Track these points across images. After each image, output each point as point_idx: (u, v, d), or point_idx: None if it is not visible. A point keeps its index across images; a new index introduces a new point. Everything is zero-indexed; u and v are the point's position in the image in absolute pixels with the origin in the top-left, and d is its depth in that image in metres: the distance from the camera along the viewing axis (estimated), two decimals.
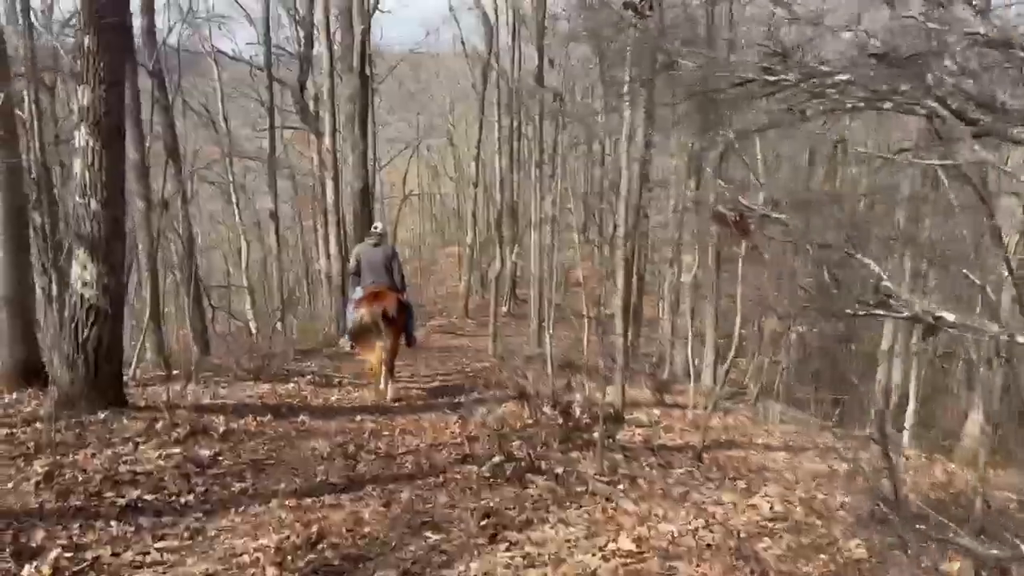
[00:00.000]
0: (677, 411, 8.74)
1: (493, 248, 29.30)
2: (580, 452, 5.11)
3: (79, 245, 4.87)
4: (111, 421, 4.80)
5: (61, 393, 5.02)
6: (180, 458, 4.24)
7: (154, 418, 4.95)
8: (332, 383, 7.92)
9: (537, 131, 16.39)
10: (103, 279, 4.92)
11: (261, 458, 4.55)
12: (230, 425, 5.17)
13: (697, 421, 7.75)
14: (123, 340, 5.31)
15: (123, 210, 5.05)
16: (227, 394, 6.55)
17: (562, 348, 13.24)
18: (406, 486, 4.21)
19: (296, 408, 6.21)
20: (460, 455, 4.92)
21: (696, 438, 6.76)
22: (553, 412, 5.59)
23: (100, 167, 4.78)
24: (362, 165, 12.78)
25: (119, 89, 4.81)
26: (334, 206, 12.79)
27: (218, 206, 28.38)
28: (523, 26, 20.01)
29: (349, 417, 6.04)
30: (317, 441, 5.06)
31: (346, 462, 4.64)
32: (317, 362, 10.06)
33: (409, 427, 5.81)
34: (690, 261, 14.67)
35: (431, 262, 33.07)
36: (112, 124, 4.81)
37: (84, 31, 4.58)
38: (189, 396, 6.17)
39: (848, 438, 9.40)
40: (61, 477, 3.72)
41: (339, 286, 12.90)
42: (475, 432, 5.49)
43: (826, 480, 5.98)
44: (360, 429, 5.58)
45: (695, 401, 8.56)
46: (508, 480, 4.32)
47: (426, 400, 7.38)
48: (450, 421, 6.09)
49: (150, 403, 5.62)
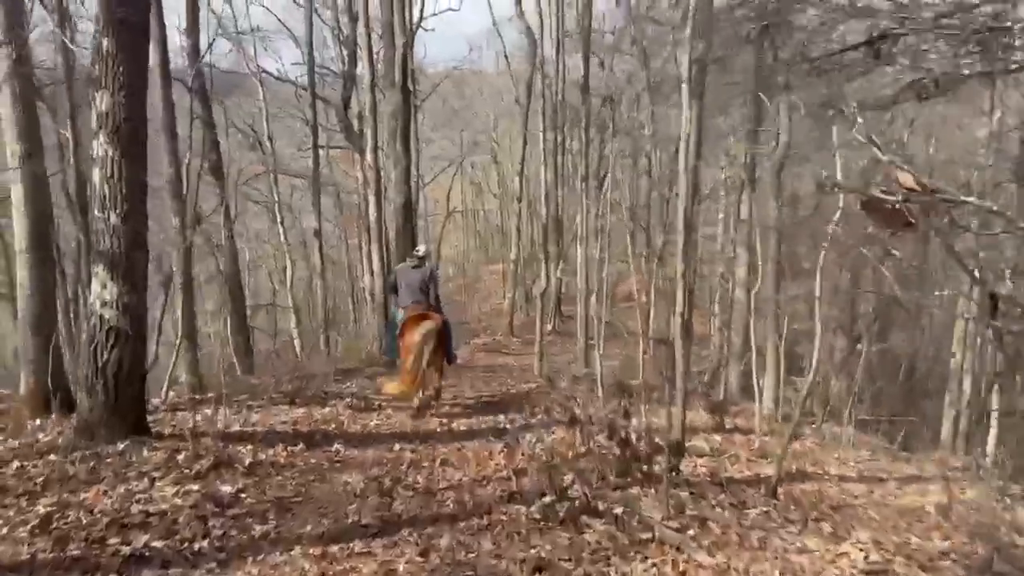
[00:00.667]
0: (739, 436, 8.10)
1: (538, 264, 28.89)
2: (640, 488, 4.56)
3: (98, 262, 4.56)
4: (130, 452, 4.44)
5: (80, 420, 4.70)
6: (199, 496, 3.84)
7: (176, 448, 4.59)
8: (371, 406, 7.51)
9: (583, 143, 15.92)
10: (123, 298, 4.59)
11: (288, 495, 4.13)
12: (258, 456, 4.78)
13: (764, 448, 7.12)
14: (145, 363, 4.97)
15: (145, 224, 4.73)
16: (259, 419, 6.18)
17: (612, 368, 12.68)
18: (446, 529, 3.73)
19: (331, 435, 5.80)
20: (506, 491, 4.42)
21: (766, 469, 6.15)
22: (608, 441, 5.07)
23: (119, 178, 4.47)
24: (404, 181, 12.47)
25: (140, 95, 4.50)
26: (377, 223, 12.49)
27: (264, 225, 28.64)
28: (567, 38, 19.66)
29: (387, 446, 5.60)
30: (351, 474, 4.62)
31: (381, 499, 4.18)
32: (358, 383, 9.68)
33: (451, 457, 5.33)
34: (744, 274, 14.01)
35: (475, 279, 32.75)
36: (132, 132, 4.49)
37: (103, 33, 4.29)
38: (219, 422, 5.81)
39: (930, 466, 8.62)
40: (63, 519, 3.34)
41: (382, 303, 12.58)
42: (522, 464, 4.99)
43: (917, 520, 5.31)
44: (398, 460, 5.13)
45: (761, 427, 7.91)
46: (561, 523, 3.80)
47: (469, 425, 6.91)
48: (495, 450, 5.61)
49: (176, 430, 5.28)
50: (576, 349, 16.66)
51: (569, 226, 21.00)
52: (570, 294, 23.02)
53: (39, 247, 5.52)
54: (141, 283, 4.72)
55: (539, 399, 8.43)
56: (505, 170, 32.68)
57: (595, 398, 8.48)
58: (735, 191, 16.20)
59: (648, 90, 18.57)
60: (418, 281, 7.24)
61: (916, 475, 7.64)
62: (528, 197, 24.97)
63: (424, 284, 7.26)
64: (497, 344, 18.33)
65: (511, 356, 16.15)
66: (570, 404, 7.02)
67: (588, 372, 12.20)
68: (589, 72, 15.67)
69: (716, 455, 6.48)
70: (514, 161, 26.49)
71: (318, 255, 19.10)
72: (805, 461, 7.06)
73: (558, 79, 19.05)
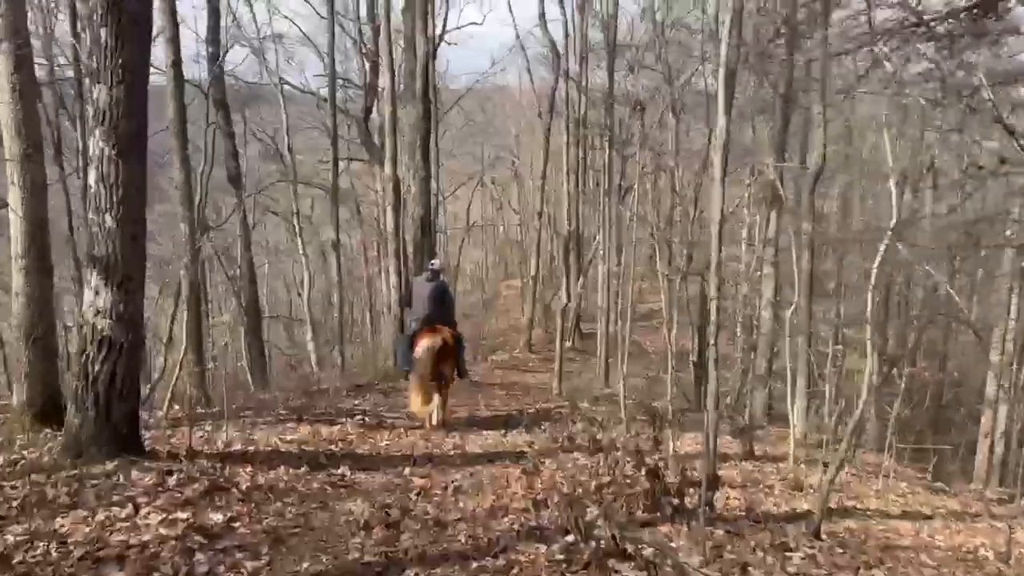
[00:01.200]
0: (769, 464, 7.65)
1: (557, 280, 28.51)
2: (671, 525, 4.16)
3: (91, 268, 4.26)
4: (118, 473, 4.11)
5: (68, 437, 4.39)
6: (186, 525, 3.49)
7: (169, 470, 4.25)
8: (383, 424, 7.17)
9: (606, 158, 15.61)
10: (117, 306, 4.28)
11: (286, 525, 3.76)
12: (257, 479, 4.43)
13: (798, 478, 6.66)
14: (139, 377, 4.65)
15: (143, 228, 4.42)
16: (263, 438, 5.83)
17: (633, 387, 12.28)
18: (457, 570, 3.35)
19: (337, 457, 5.45)
20: (525, 526, 4.02)
21: (803, 503, 5.71)
22: (635, 471, 4.67)
23: (116, 178, 4.17)
24: (424, 192, 12.18)
25: (140, 89, 4.21)
26: (394, 235, 12.19)
27: (283, 236, 28.59)
28: (591, 52, 19.42)
29: (396, 469, 5.23)
30: (356, 502, 4.25)
31: (387, 532, 3.80)
32: (371, 399, 9.35)
33: (464, 483, 4.95)
34: (770, 294, 13.54)
35: (494, 295, 32.41)
36: (131, 129, 4.20)
37: (101, 23, 4.00)
38: (220, 441, 5.49)
39: (972, 501, 8.09)
40: (31, 552, 3.00)
41: (398, 316, 12.25)
42: (542, 494, 4.60)
43: (976, 566, 4.84)
44: (407, 486, 4.76)
45: (794, 454, 7.45)
46: (586, 567, 3.40)
47: (485, 447, 6.53)
48: (512, 476, 5.22)
49: (173, 449, 4.95)
50: (596, 367, 16.25)
51: (590, 242, 20.62)
52: (589, 311, 22.63)
53: (36, 253, 5.26)
54: (137, 291, 4.41)
55: (559, 420, 8.04)
56: (526, 185, 32.42)
57: (618, 420, 8.08)
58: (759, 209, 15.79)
59: (672, 105, 18.26)
60: (432, 295, 7.17)
61: (960, 511, 7.15)
62: (549, 212, 24.66)
63: (438, 298, 7.20)
64: (515, 361, 17.93)
65: (529, 373, 15.74)
66: (593, 428, 6.62)
67: (609, 392, 11.78)
68: (614, 85, 15.36)
69: (749, 486, 6.05)
70: (535, 176, 26.25)
71: (335, 267, 18.92)
72: (843, 495, 6.60)
73: (581, 94, 18.78)
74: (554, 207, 28.88)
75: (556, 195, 26.49)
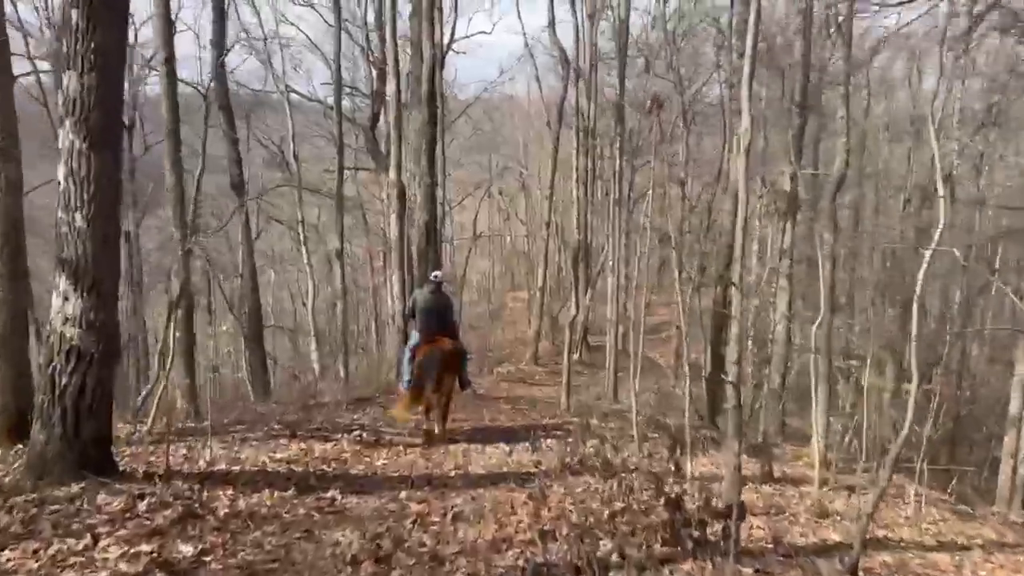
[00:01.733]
0: (791, 488, 7.22)
1: (565, 292, 28.11)
2: (694, 562, 3.74)
3: (60, 271, 3.90)
4: (83, 497, 3.74)
5: (32, 456, 4.03)
6: (150, 559, 3.11)
7: (141, 493, 3.88)
8: (381, 441, 6.77)
9: (616, 167, 15.25)
10: (88, 314, 3.93)
11: (263, 559, 3.37)
12: (237, 504, 4.04)
13: (823, 503, 6.23)
14: (113, 390, 4.28)
15: (117, 228, 4.08)
16: (250, 456, 5.46)
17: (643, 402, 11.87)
18: None
19: (329, 478, 5.06)
20: (531, 561, 3.62)
21: (832, 533, 5.29)
22: (652, 499, 4.26)
23: (87, 174, 3.82)
24: (429, 200, 11.84)
25: (114, 77, 3.87)
26: (398, 244, 11.84)
27: (289, 245, 28.35)
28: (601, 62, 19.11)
29: (392, 492, 4.83)
30: (345, 531, 3.86)
31: (376, 567, 3.41)
32: (371, 413, 8.96)
33: (465, 509, 4.55)
34: (784, 308, 13.11)
35: (500, 306, 32.03)
36: (104, 121, 3.85)
37: (72, 4, 3.67)
38: (203, 459, 5.12)
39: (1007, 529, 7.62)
40: None
41: (401, 328, 11.89)
42: (550, 524, 4.19)
43: None
44: (403, 512, 4.36)
45: (817, 476, 7.01)
46: None
47: (488, 467, 6.13)
48: (517, 502, 4.81)
49: (152, 468, 4.58)
50: (604, 381, 15.82)
51: (599, 253, 20.25)
52: (597, 323, 22.21)
53: (9, 255, 4.91)
54: (110, 297, 4.05)
55: (568, 438, 7.64)
56: (534, 196, 32.11)
57: (629, 438, 7.67)
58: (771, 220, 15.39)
59: (683, 114, 17.92)
60: (435, 307, 7.10)
61: (998, 541, 6.69)
62: (557, 222, 24.30)
63: (442, 309, 7.15)
64: (521, 373, 17.52)
65: (535, 386, 15.33)
66: (603, 448, 6.21)
67: (618, 408, 11.36)
68: (625, 91, 15.02)
69: (772, 513, 5.63)
70: (543, 186, 25.93)
71: (339, 277, 18.58)
72: (873, 523, 6.16)
73: (591, 101, 18.44)
74: (562, 217, 28.58)
75: (564, 205, 26.18)
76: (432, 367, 6.67)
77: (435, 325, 7.01)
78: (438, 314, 7.07)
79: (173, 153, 7.08)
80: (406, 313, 8.48)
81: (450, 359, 6.82)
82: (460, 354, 7.20)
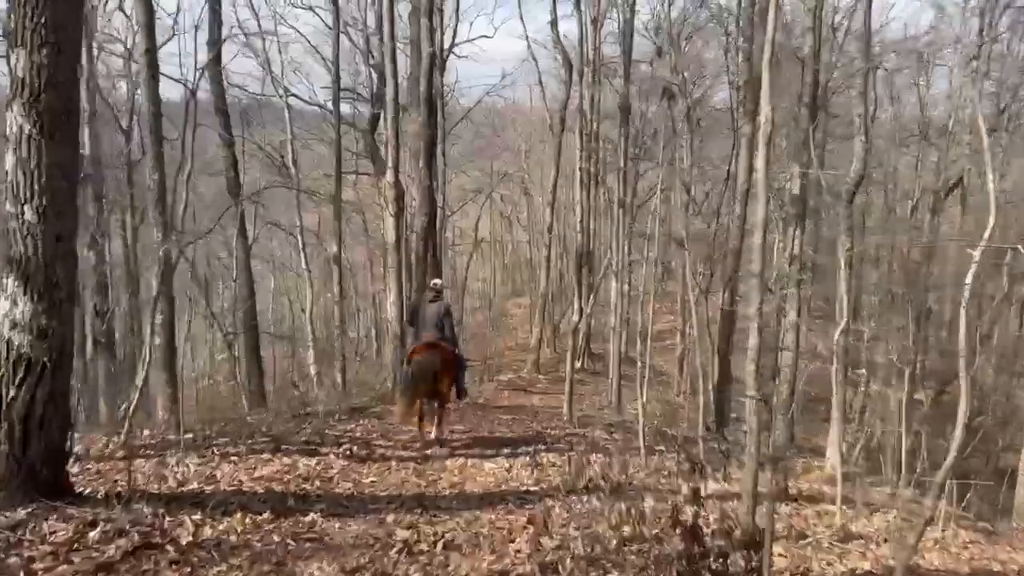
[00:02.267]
0: (806, 506, 6.79)
1: (568, 298, 27.70)
2: None
3: (8, 271, 3.50)
4: (29, 524, 3.33)
5: None
6: None
7: (95, 519, 3.46)
8: (372, 455, 6.36)
9: (620, 171, 14.87)
10: (39, 319, 3.53)
11: None
12: (203, 531, 3.63)
13: (846, 526, 5.80)
14: (68, 402, 3.87)
15: (73, 224, 3.68)
16: (228, 473, 5.05)
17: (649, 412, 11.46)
18: None
19: (311, 498, 4.65)
20: None
21: (860, 561, 4.86)
22: (667, 526, 3.85)
23: (38, 163, 3.43)
24: (427, 202, 11.46)
25: (69, 57, 3.48)
26: (395, 248, 11.45)
27: (290, 252, 27.99)
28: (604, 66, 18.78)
29: (379, 515, 4.42)
30: (322, 564, 3.44)
31: None
32: (365, 423, 8.56)
33: (458, 536, 4.13)
34: (794, 317, 12.68)
35: (501, 313, 31.58)
36: (58, 104, 3.45)
37: None
38: (174, 477, 4.71)
39: None
40: None
41: (397, 334, 11.50)
42: (551, 554, 3.78)
43: None
44: (388, 540, 3.94)
45: (838, 493, 6.57)
46: None
47: (485, 486, 5.71)
48: (517, 525, 4.40)
49: (115, 488, 4.17)
50: (607, 390, 15.41)
51: (601, 258, 19.85)
52: (599, 330, 21.80)
53: None
54: (65, 301, 3.65)
55: (570, 451, 7.22)
56: (535, 202, 31.74)
57: (634, 451, 7.26)
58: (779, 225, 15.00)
59: (687, 117, 17.54)
60: (434, 314, 7.04)
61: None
62: (559, 228, 23.91)
63: (440, 318, 7.04)
64: (522, 382, 17.12)
65: (537, 395, 14.93)
66: (609, 469, 5.80)
67: (622, 420, 10.94)
68: (629, 94, 14.65)
69: (793, 537, 5.19)
70: (545, 192, 25.54)
71: (337, 283, 18.18)
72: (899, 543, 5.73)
73: (594, 107, 18.08)
74: (564, 223, 28.18)
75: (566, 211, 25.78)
76: (424, 374, 6.61)
77: (434, 332, 6.92)
78: (437, 323, 6.98)
79: (155, 147, 6.69)
80: (405, 320, 8.43)
81: (443, 366, 6.72)
82: (455, 361, 7.06)
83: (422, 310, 7.17)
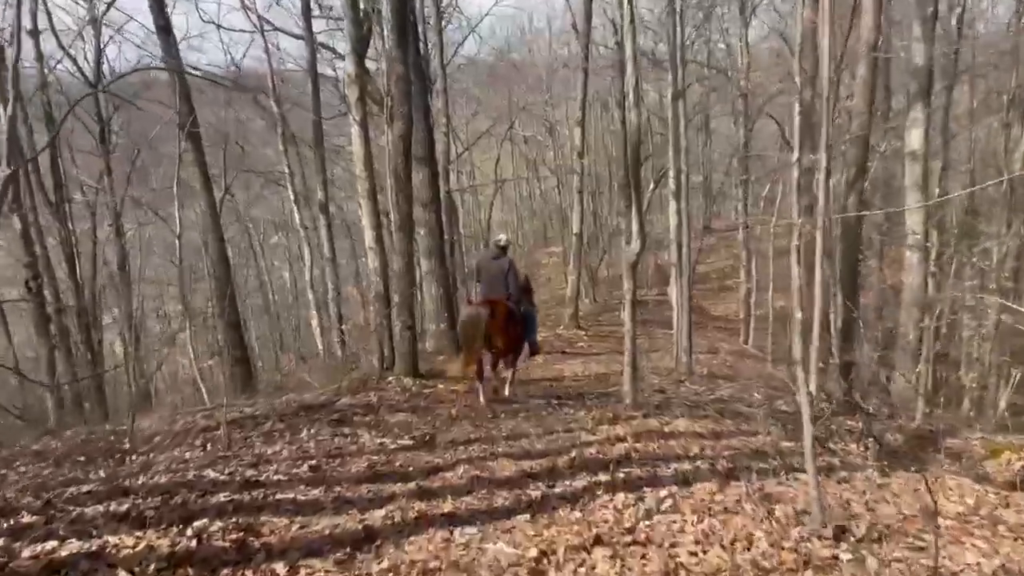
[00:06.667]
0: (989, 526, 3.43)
1: (602, 242, 24.13)
2: None
3: None
4: None
5: None
6: None
7: None
8: (316, 505, 3.16)
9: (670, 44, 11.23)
10: None
11: None
12: None
13: None
14: None
15: None
16: None
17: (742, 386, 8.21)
18: None
19: None
20: None
21: None
22: None
23: None
24: (404, 99, 8.03)
25: None
26: (365, 165, 8.10)
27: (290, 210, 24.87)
28: None
29: None
30: None
31: None
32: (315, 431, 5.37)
33: None
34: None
35: (531, 263, 28.12)
36: None
37: None
38: None
39: None
40: None
41: (380, 293, 8.20)
42: None
43: None
44: None
45: None
46: None
47: (498, 555, 2.44)
48: None
49: None
50: (668, 345, 12.05)
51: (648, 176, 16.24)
52: (643, 272, 18.31)
53: None
54: None
55: (639, 470, 3.91)
56: (560, 138, 27.93)
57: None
58: None
59: None
60: (498, 271, 6.97)
61: None
62: (590, 156, 20.27)
63: (504, 275, 6.92)
64: (559, 341, 13.78)
65: (579, 359, 11.56)
66: None
67: (711, 396, 7.56)
68: None
69: None
70: (571, 115, 21.82)
71: (326, 238, 14.93)
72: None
73: None
74: (595, 158, 24.57)
75: (596, 142, 22.13)
76: (468, 327, 6.43)
77: (496, 288, 6.87)
78: (501, 278, 6.90)
79: None
80: (471, 278, 8.52)
81: (496, 321, 6.45)
82: (513, 317, 6.77)
83: (486, 267, 7.08)
